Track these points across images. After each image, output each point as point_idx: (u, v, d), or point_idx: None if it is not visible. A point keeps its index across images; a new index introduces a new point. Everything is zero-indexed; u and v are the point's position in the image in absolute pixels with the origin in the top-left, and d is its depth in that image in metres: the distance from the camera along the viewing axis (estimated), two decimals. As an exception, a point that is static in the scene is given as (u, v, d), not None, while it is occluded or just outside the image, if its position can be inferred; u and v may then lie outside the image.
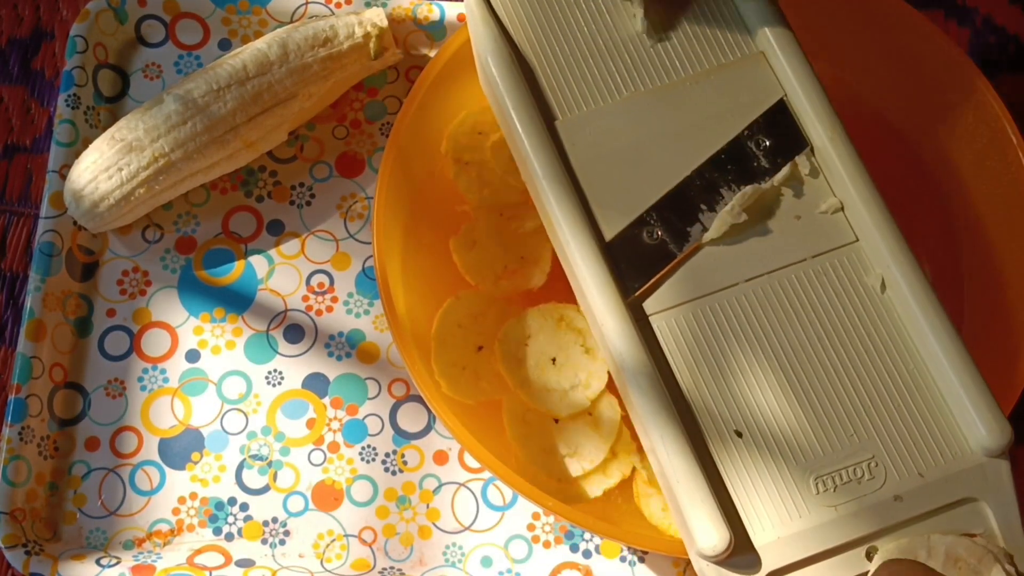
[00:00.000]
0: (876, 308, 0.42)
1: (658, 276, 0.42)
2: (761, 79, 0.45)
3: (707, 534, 0.38)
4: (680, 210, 0.43)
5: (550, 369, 0.50)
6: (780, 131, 0.44)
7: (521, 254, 0.53)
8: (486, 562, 0.54)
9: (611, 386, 0.50)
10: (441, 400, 0.48)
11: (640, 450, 0.50)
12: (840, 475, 0.40)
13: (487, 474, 0.55)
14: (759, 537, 0.39)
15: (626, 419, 0.50)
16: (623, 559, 0.54)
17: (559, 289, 0.51)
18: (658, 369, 0.41)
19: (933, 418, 0.41)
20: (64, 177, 0.56)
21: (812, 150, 0.44)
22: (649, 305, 0.42)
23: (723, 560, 0.39)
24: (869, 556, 0.39)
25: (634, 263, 0.43)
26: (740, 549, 0.39)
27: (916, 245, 0.43)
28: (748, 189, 0.43)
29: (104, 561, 0.52)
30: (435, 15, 0.59)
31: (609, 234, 0.43)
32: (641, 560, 0.54)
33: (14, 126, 0.61)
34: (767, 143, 0.44)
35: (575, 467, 0.49)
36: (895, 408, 0.41)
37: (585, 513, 0.46)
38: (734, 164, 0.44)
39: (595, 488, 0.49)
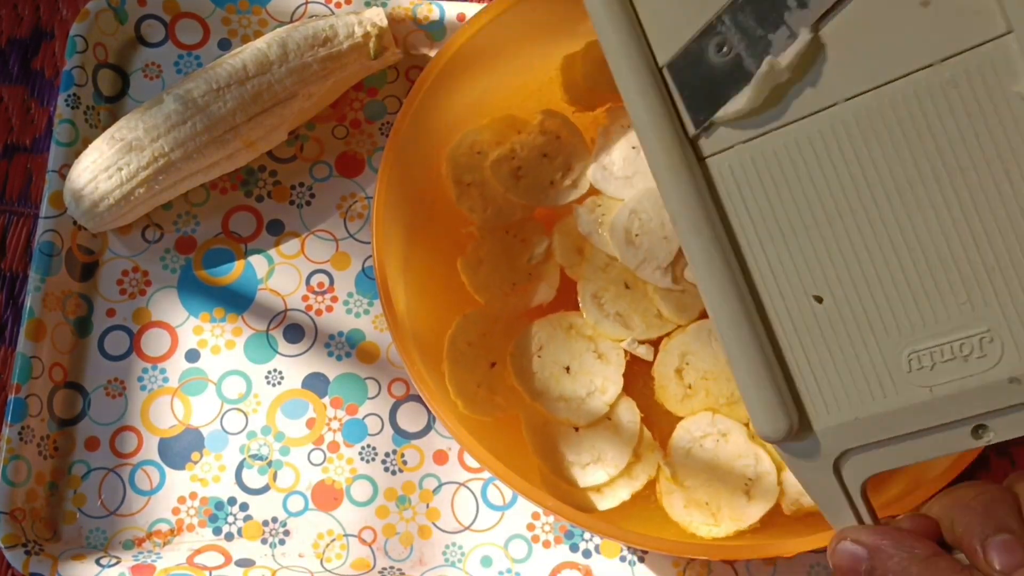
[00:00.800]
0: (1021, 130, 0.31)
1: (730, 103, 0.34)
2: None
3: (764, 419, 0.34)
4: (759, 9, 0.34)
5: (565, 378, 0.50)
6: None
7: (529, 271, 0.53)
8: (486, 562, 0.54)
9: (627, 389, 0.50)
10: (442, 401, 0.48)
11: (663, 447, 0.50)
12: (941, 351, 0.33)
13: (487, 474, 0.55)
14: (833, 419, 0.34)
15: (645, 420, 0.50)
16: (623, 559, 0.54)
17: (562, 300, 0.52)
18: (723, 223, 0.35)
19: None
20: (64, 177, 0.56)
21: None
22: (717, 141, 0.35)
23: (790, 441, 0.35)
24: (977, 433, 0.33)
25: (700, 89, 0.35)
26: (806, 428, 0.35)
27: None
28: None
29: (104, 561, 0.52)
30: (435, 15, 0.59)
31: (665, 54, 0.35)
32: (641, 560, 0.54)
33: (14, 126, 0.61)
34: None
35: (600, 474, 0.49)
36: None
37: (584, 513, 0.46)
38: None
39: (623, 492, 0.49)
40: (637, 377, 0.51)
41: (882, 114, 0.33)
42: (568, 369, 0.50)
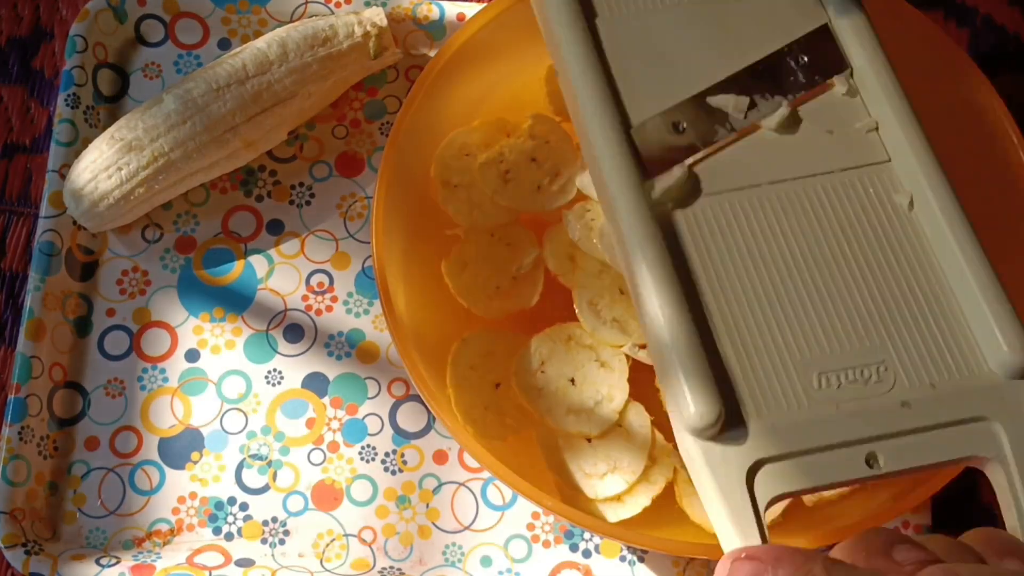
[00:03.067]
0: (902, 225, 0.42)
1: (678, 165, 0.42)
2: (808, 4, 0.45)
3: (697, 404, 0.37)
4: (710, 109, 0.43)
5: (571, 391, 0.49)
6: (821, 51, 0.44)
7: (513, 275, 0.53)
8: (486, 562, 0.54)
9: (633, 394, 0.50)
10: (441, 401, 0.48)
11: (677, 450, 0.50)
12: (846, 374, 0.39)
13: (487, 473, 0.55)
14: (753, 422, 0.38)
15: (657, 423, 0.50)
16: (623, 559, 0.54)
17: (555, 309, 0.51)
18: (667, 247, 0.40)
19: (952, 333, 0.40)
20: (64, 177, 0.56)
21: (852, 72, 0.44)
22: (665, 194, 0.42)
23: (712, 436, 0.37)
24: (868, 463, 0.38)
25: (657, 152, 0.42)
26: (730, 427, 0.38)
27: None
28: (782, 101, 0.43)
29: (104, 561, 0.52)
30: (435, 14, 0.59)
31: (636, 120, 0.42)
32: (641, 559, 0.54)
33: (14, 126, 0.61)
34: (806, 59, 0.44)
35: (619, 482, 0.48)
36: (912, 319, 0.40)
37: (583, 512, 0.46)
38: (770, 75, 0.43)
39: (643, 499, 0.49)
40: (641, 382, 0.51)
41: (797, 197, 0.42)
42: (573, 381, 0.50)
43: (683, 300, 0.39)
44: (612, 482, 0.49)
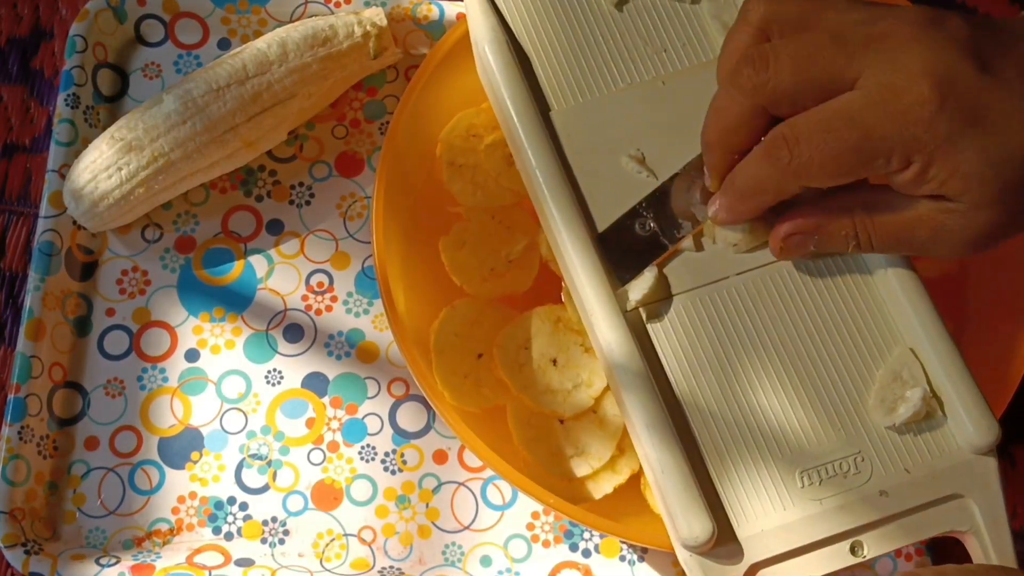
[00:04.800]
0: (868, 307, 0.42)
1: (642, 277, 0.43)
2: None
3: (690, 525, 0.39)
4: (672, 202, 0.43)
5: (551, 371, 0.50)
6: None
7: (509, 258, 0.53)
8: (485, 561, 0.54)
9: None
10: (442, 399, 0.48)
11: None
12: (826, 469, 0.40)
13: (487, 473, 0.55)
14: (743, 529, 0.39)
15: None
16: (622, 558, 0.54)
17: (546, 292, 0.51)
18: (646, 360, 0.41)
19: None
20: (64, 177, 0.56)
21: None
22: (638, 297, 0.43)
23: (706, 551, 0.39)
24: (854, 551, 0.40)
25: (625, 255, 0.43)
26: (723, 540, 0.39)
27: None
28: None
29: (103, 560, 0.52)
30: (434, 14, 0.59)
31: (602, 225, 0.43)
32: (641, 559, 0.54)
33: (13, 125, 0.61)
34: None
35: (583, 467, 0.49)
36: None
37: (586, 511, 0.46)
38: None
39: (605, 486, 0.49)
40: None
41: (765, 286, 0.42)
42: (555, 362, 0.50)
43: (667, 421, 0.40)
44: (577, 466, 0.49)
